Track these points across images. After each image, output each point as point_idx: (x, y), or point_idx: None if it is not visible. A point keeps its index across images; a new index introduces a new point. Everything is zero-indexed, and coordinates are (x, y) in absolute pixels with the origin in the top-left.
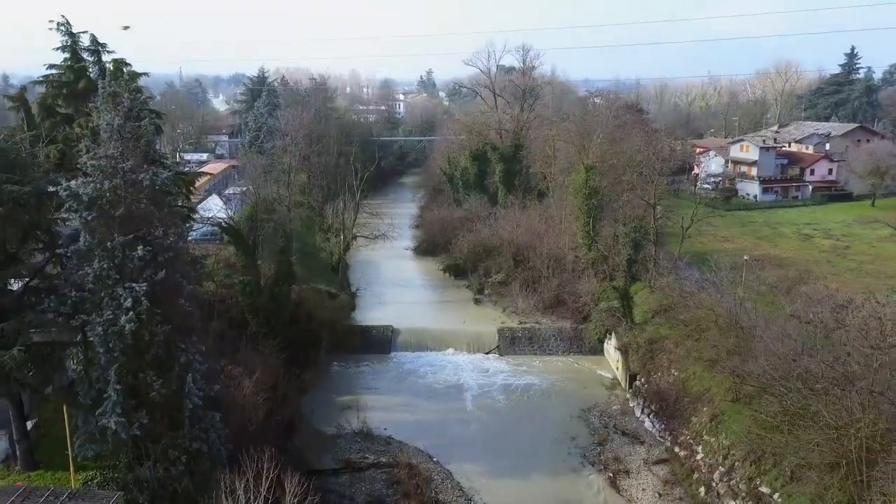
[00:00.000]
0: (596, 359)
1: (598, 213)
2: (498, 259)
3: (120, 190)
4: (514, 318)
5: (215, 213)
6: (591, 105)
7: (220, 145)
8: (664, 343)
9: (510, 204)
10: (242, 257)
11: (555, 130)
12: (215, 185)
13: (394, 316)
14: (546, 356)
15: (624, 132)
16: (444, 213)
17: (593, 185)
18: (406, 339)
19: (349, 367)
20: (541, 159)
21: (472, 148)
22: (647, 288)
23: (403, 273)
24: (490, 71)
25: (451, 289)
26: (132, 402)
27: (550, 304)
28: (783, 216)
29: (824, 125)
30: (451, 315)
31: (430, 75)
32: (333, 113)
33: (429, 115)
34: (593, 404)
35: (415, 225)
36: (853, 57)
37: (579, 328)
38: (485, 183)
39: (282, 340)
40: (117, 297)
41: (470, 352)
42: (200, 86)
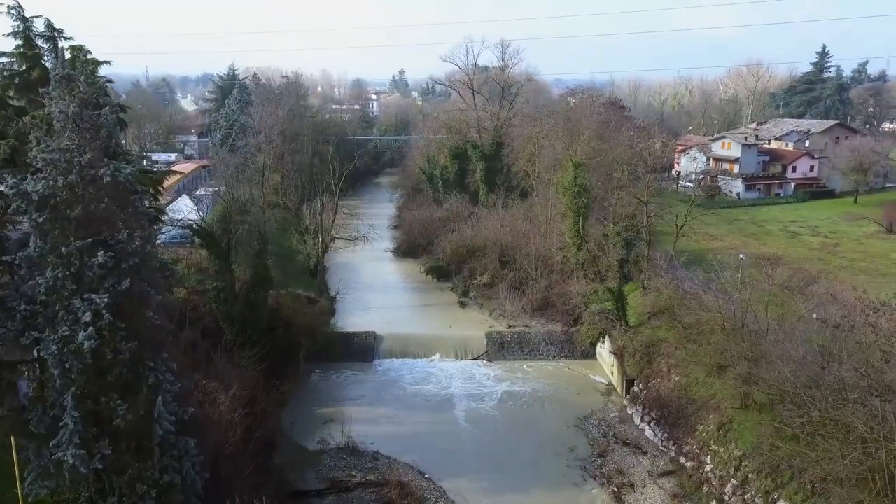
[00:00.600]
0: (588, 363)
1: (586, 211)
2: (482, 260)
3: (76, 187)
4: (502, 322)
5: (186, 215)
6: (572, 102)
7: (189, 145)
8: (662, 346)
9: (492, 203)
10: (215, 261)
11: (539, 127)
12: (185, 186)
13: (376, 321)
14: (536, 361)
15: (608, 129)
16: (424, 213)
17: (582, 182)
18: (389, 346)
19: (330, 377)
20: (524, 157)
21: (452, 146)
22: (640, 289)
23: (384, 276)
24: (468, 67)
25: (434, 292)
26: (93, 431)
27: (539, 307)
28: (768, 213)
29: (803, 122)
30: (435, 319)
31: (403, 75)
32: (307, 111)
33: (403, 114)
34: (590, 412)
35: (393, 225)
36: (824, 55)
37: (570, 331)
38: (465, 182)
39: (259, 350)
40: (74, 311)
41: (457, 358)
42: (168, 85)
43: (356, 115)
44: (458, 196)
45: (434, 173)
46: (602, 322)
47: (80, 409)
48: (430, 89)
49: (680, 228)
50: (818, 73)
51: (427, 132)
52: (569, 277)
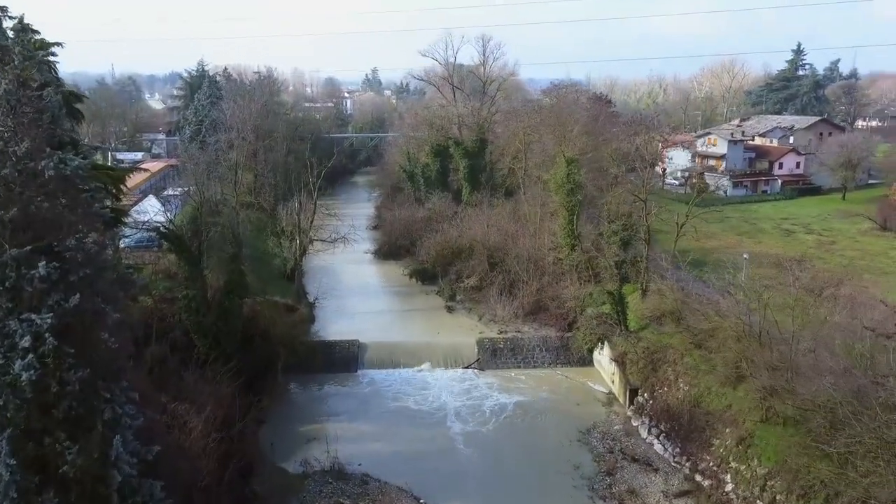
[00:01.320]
0: (585, 370)
1: (580, 210)
2: (469, 262)
3: (12, 183)
4: (493, 327)
5: (152, 217)
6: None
7: (156, 144)
8: (667, 353)
9: (477, 202)
10: (185, 267)
11: (525, 122)
12: (152, 186)
13: (358, 329)
14: (531, 369)
15: (597, 125)
16: (405, 213)
17: (575, 179)
18: (374, 355)
19: (311, 389)
20: (510, 154)
21: (434, 143)
22: (638, 291)
23: (365, 279)
24: (448, 62)
25: (419, 296)
26: (35, 480)
27: (531, 311)
28: (758, 211)
29: (787, 118)
30: (422, 325)
31: (376, 73)
32: (281, 108)
33: (378, 111)
34: (592, 424)
35: (373, 226)
36: (799, 53)
37: (565, 337)
38: (448, 180)
39: (234, 363)
40: (10, 334)
41: (447, 367)
42: (134, 83)
43: (331, 113)
44: (441, 195)
45: (415, 171)
46: (600, 327)
47: (18, 455)
48: (404, 87)
49: (681, 227)
50: (793, 71)
51: (407, 129)
52: (560, 279)
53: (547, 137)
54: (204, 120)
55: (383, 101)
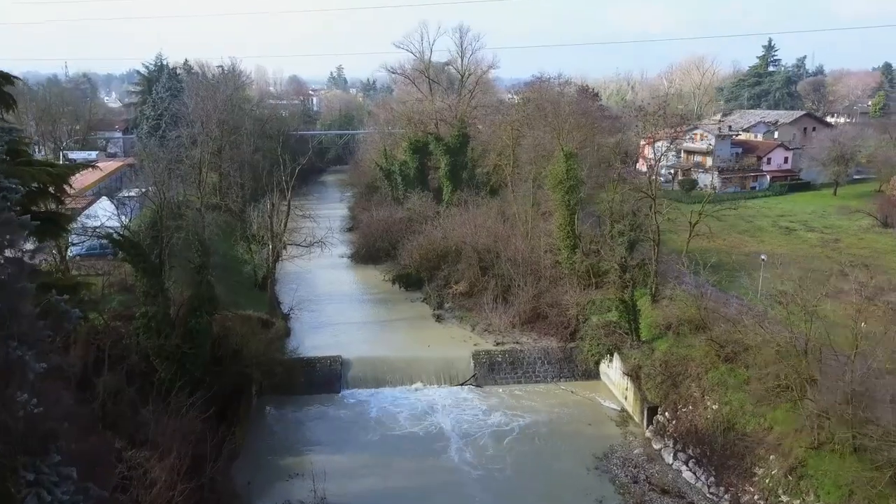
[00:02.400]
0: (592, 384)
1: (579, 209)
2: (457, 266)
3: None
4: (488, 338)
5: (104, 222)
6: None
7: (112, 142)
8: (689, 366)
9: (459, 202)
10: (143, 280)
11: (514, 115)
12: (107, 187)
13: (339, 343)
14: (533, 384)
15: (588, 119)
16: (383, 213)
17: (576, 175)
18: (359, 373)
19: (290, 414)
20: (496, 149)
21: (412, 139)
22: (647, 297)
23: (343, 286)
24: (424, 55)
25: (404, 303)
26: None
27: (528, 319)
28: (750, 208)
29: (770, 113)
30: (410, 338)
31: (341, 72)
32: (246, 104)
33: (347, 108)
34: (609, 448)
35: (347, 228)
36: (770, 49)
37: (568, 348)
38: (427, 179)
39: (203, 392)
40: None
41: (441, 384)
42: (89, 81)
43: (298, 110)
44: (421, 194)
45: (392, 169)
46: (608, 337)
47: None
48: (371, 84)
49: (693, 226)
50: (765, 67)
51: (382, 125)
52: (557, 284)
53: (539, 131)
54: (163, 114)
55: (351, 99)
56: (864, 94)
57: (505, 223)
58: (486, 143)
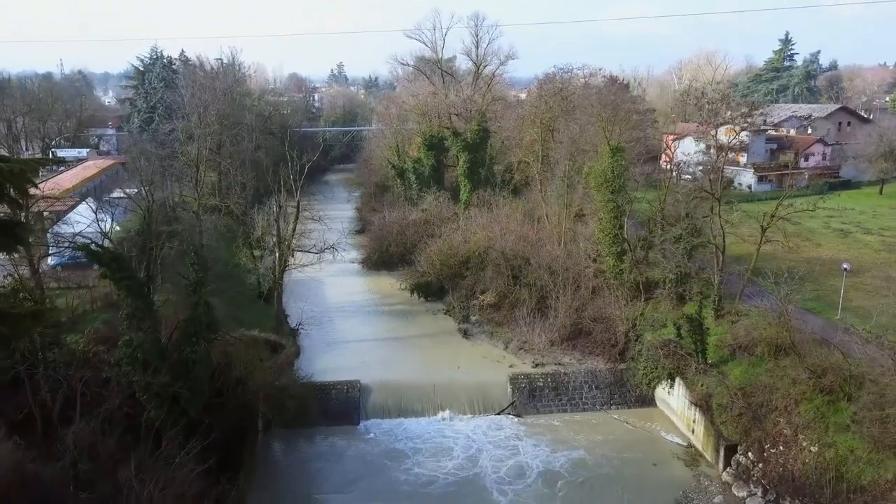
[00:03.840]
0: (647, 413)
1: (628, 211)
2: (482, 273)
3: None
4: (525, 358)
5: (84, 229)
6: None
7: (105, 140)
8: (773, 398)
9: (479, 202)
10: (128, 300)
11: (553, 105)
12: (96, 188)
13: (355, 364)
14: (580, 412)
15: (621, 113)
16: (396, 215)
17: (622, 173)
18: (379, 400)
19: (301, 451)
20: (525, 146)
21: (427, 134)
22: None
23: (355, 296)
24: (436, 45)
25: (424, 316)
26: None
27: (569, 336)
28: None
29: (802, 107)
30: (436, 357)
31: (342, 69)
32: (247, 98)
33: (350, 105)
34: (682, 495)
35: (356, 230)
36: (787, 43)
37: (618, 370)
38: (443, 177)
39: (201, 435)
40: None
41: (474, 413)
42: (84, 79)
43: (300, 106)
44: (436, 194)
45: (405, 167)
46: (668, 359)
47: None
48: (373, 81)
49: (765, 230)
50: (782, 61)
51: (393, 120)
52: (598, 295)
53: (576, 124)
54: (157, 106)
55: (353, 95)
56: (881, 89)
57: (533, 226)
58: (509, 138)
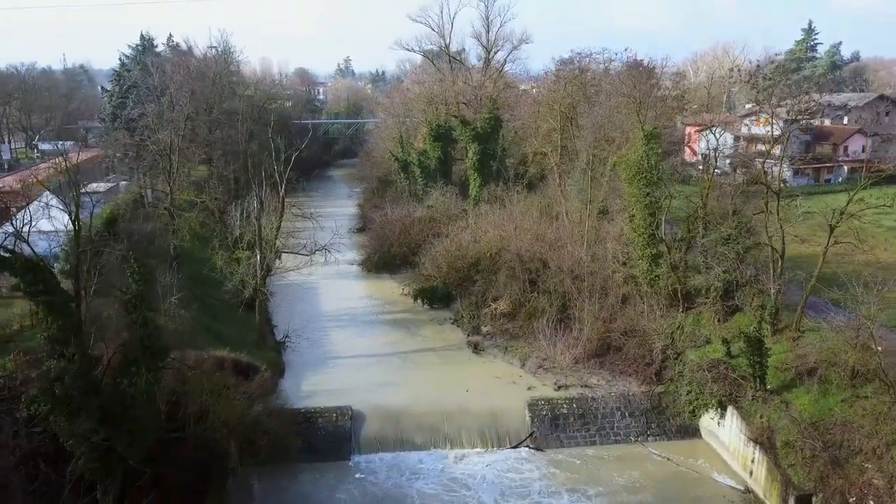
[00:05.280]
0: (690, 446)
1: (666, 207)
2: (494, 278)
3: None
4: (545, 378)
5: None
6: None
7: (93, 132)
8: (855, 436)
9: (492, 197)
10: (49, 319)
11: (573, 90)
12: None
13: (348, 384)
14: (611, 445)
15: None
16: (399, 212)
17: (658, 163)
18: (375, 431)
19: (282, 493)
20: (542, 134)
21: (433, 123)
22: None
23: (352, 302)
24: (444, 29)
25: (429, 326)
26: None
27: (596, 352)
28: (839, 205)
29: (837, 96)
30: (441, 377)
31: (349, 63)
32: (239, 87)
33: (355, 97)
34: None
35: (357, 228)
36: (811, 32)
37: (655, 393)
38: (450, 171)
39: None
40: None
41: (486, 447)
42: (86, 73)
43: (302, 97)
44: (443, 189)
45: (409, 160)
46: (717, 383)
47: None
48: (379, 75)
49: (833, 230)
50: (805, 52)
51: (397, 107)
52: (628, 304)
53: (600, 108)
54: (130, 91)
55: (360, 88)
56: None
57: (551, 224)
58: (523, 127)
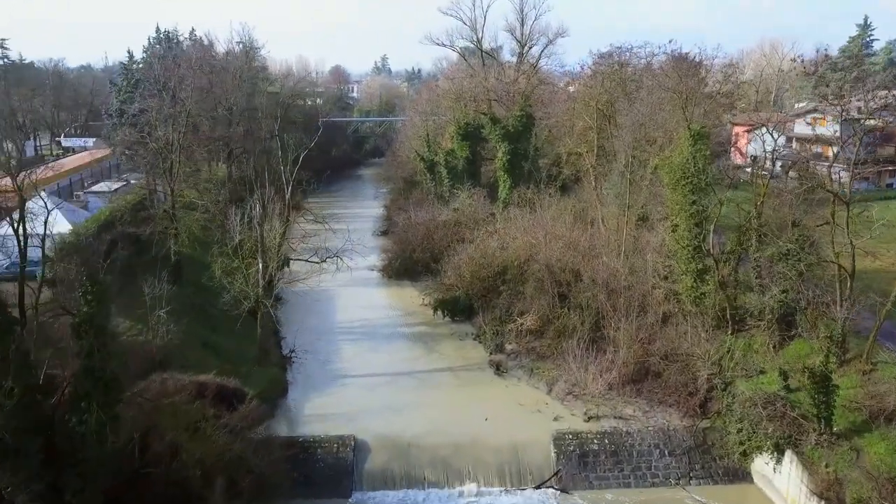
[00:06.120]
0: (739, 491)
1: (715, 217)
2: (522, 289)
3: None
4: (574, 407)
5: None
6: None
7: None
8: None
9: (523, 200)
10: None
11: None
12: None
13: (354, 407)
14: (647, 488)
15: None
16: (423, 215)
17: (706, 166)
18: (380, 464)
19: None
20: (577, 133)
21: (461, 121)
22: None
23: (369, 312)
24: (476, 22)
25: (448, 342)
26: None
27: (632, 378)
28: None
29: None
30: (457, 402)
31: (385, 61)
32: (262, 84)
33: (389, 94)
34: None
35: (381, 231)
36: (866, 28)
37: (699, 428)
38: (479, 171)
39: None
40: None
41: (505, 485)
42: None
43: (332, 95)
44: (471, 191)
45: (435, 160)
46: (772, 422)
47: None
48: (415, 73)
49: None
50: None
51: (424, 105)
52: (669, 325)
53: (641, 105)
54: (137, 86)
55: (393, 86)
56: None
57: (585, 231)
58: (557, 125)
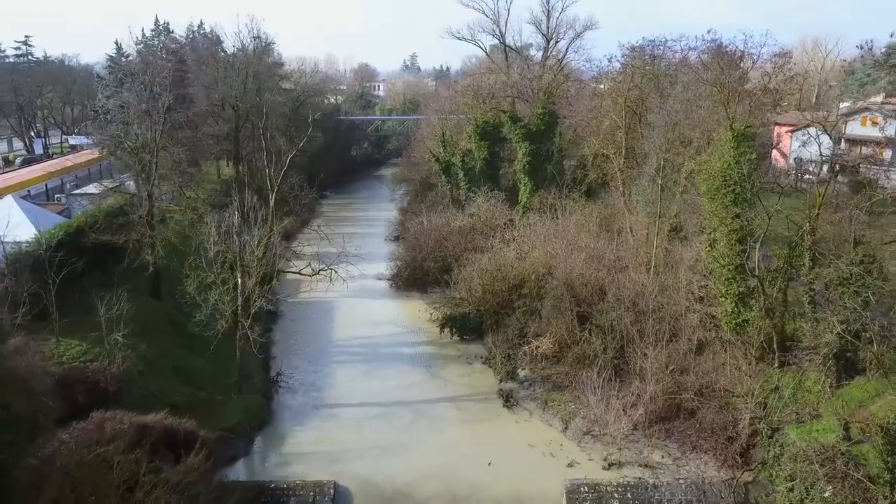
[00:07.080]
0: None
1: (762, 233)
2: (538, 306)
3: None
4: (592, 449)
5: None
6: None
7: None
8: None
9: (544, 206)
10: None
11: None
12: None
13: (340, 445)
14: None
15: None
16: (436, 220)
17: (751, 172)
18: None
19: None
20: (602, 133)
21: (479, 120)
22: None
23: (370, 327)
24: (499, 16)
25: (454, 365)
26: None
27: (660, 416)
28: None
29: None
30: (459, 440)
31: (415, 59)
32: (271, 80)
33: (413, 93)
34: None
35: (394, 236)
36: None
37: (740, 482)
38: (498, 174)
39: None
40: None
41: None
42: None
43: (353, 93)
44: (489, 194)
45: (452, 161)
46: (831, 482)
47: None
48: (444, 71)
49: None
50: None
51: (443, 104)
52: (704, 355)
53: (676, 101)
54: (123, 79)
55: (420, 84)
56: None
57: (612, 241)
58: (582, 124)
